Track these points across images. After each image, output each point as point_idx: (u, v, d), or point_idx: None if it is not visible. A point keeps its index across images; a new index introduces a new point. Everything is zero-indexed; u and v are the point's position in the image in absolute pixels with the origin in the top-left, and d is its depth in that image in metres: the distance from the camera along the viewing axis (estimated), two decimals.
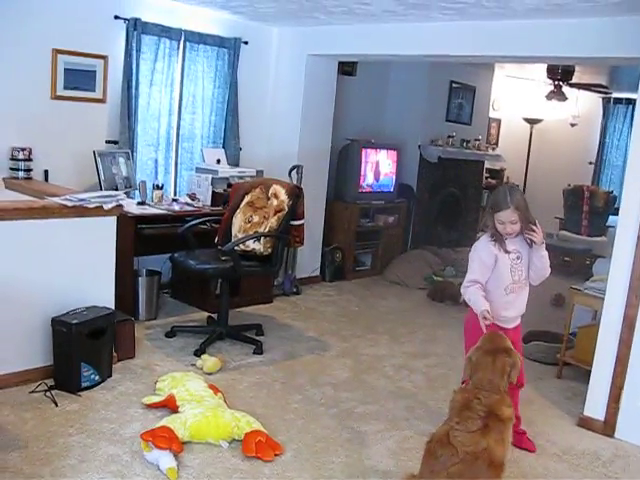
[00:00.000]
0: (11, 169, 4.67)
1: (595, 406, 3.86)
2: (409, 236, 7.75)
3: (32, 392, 3.63)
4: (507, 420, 2.63)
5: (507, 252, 3.27)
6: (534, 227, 3.23)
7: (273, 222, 4.56)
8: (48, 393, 3.63)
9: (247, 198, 4.84)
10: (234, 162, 5.92)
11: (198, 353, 4.36)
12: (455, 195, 8.22)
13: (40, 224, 3.68)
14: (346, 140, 6.87)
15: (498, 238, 3.26)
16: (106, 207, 3.84)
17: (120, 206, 3.96)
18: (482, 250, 3.30)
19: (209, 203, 5.38)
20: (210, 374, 4.10)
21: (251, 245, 4.60)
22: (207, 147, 5.79)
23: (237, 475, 3.04)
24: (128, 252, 4.71)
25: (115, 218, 4.01)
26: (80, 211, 3.80)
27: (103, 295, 3.99)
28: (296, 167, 5.83)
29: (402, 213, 7.42)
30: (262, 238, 4.55)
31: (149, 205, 5.06)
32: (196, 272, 4.55)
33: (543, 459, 3.47)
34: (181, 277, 5.46)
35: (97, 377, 3.82)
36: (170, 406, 3.51)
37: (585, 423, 3.90)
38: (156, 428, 3.16)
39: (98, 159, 4.90)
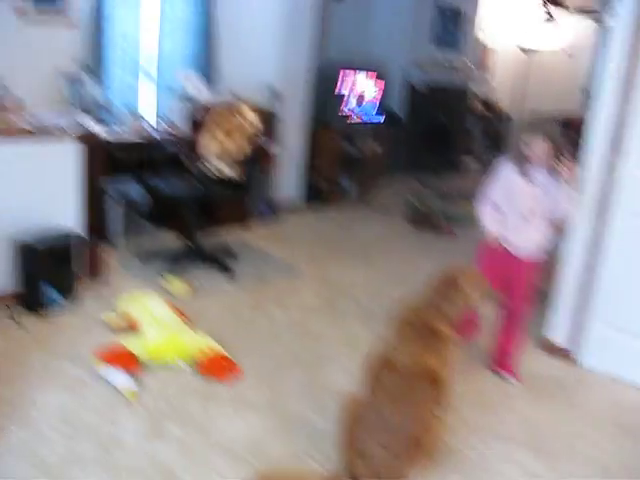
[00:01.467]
0: None
1: (559, 331, 3.90)
2: (394, 163, 7.67)
3: (10, 311, 3.66)
4: (446, 339, 2.62)
5: (529, 180, 3.25)
6: (566, 162, 3.19)
7: (243, 145, 4.50)
8: (12, 314, 3.65)
9: (219, 122, 4.75)
10: (212, 86, 5.79)
11: (167, 277, 4.37)
12: (443, 123, 8.09)
13: None
14: (328, 64, 6.70)
15: (523, 163, 3.25)
16: (66, 129, 3.77)
17: (84, 129, 3.89)
18: (504, 170, 3.34)
19: (186, 128, 5.30)
20: (178, 298, 4.12)
21: (223, 169, 4.55)
22: (184, 71, 5.65)
23: (195, 395, 3.09)
24: (100, 177, 4.66)
25: (79, 141, 3.94)
26: (41, 133, 3.73)
27: (68, 218, 3.98)
28: (274, 91, 5.71)
29: (387, 140, 7.32)
30: (233, 162, 4.49)
31: (124, 131, 4.97)
32: (166, 197, 4.52)
33: (503, 385, 3.51)
34: (159, 203, 5.42)
35: (61, 298, 3.83)
36: (131, 327, 3.54)
37: (549, 348, 3.94)
38: (113, 347, 3.20)
39: (68, 84, 4.80)
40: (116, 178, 4.96)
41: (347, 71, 6.71)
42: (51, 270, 3.75)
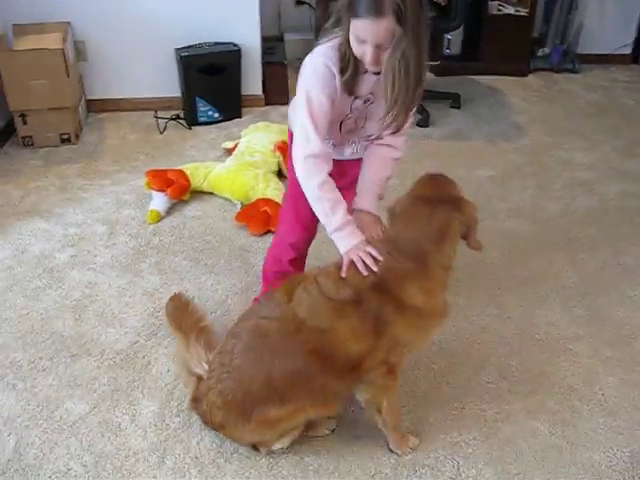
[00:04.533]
0: None
1: None
2: None
3: (155, 117, 3.79)
4: (411, 308, 1.63)
5: (355, 96, 1.76)
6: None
7: None
8: (160, 120, 3.74)
9: None
10: None
11: None
12: None
13: None
14: None
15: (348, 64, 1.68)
16: None
17: None
18: (318, 81, 1.69)
19: None
20: None
21: None
22: None
23: (206, 239, 2.79)
24: None
25: None
26: None
27: (243, 34, 3.77)
28: None
29: None
30: None
31: None
32: None
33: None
34: None
35: (217, 115, 3.78)
36: (230, 153, 3.32)
37: None
38: (169, 169, 3.05)
39: None
40: None
41: None
42: (203, 83, 3.68)
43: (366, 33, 1.56)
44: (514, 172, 3.38)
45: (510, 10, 4.43)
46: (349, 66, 1.66)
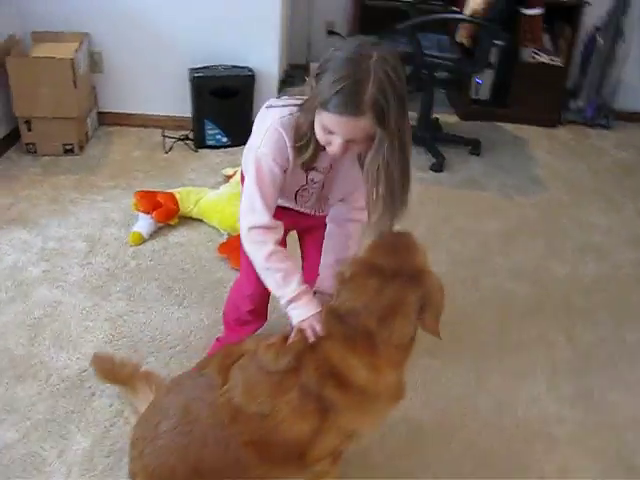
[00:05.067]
0: None
1: None
2: None
3: (163, 136, 3.71)
4: (353, 386, 1.44)
5: (311, 169, 1.64)
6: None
7: (478, 3, 3.37)
8: (167, 140, 3.66)
9: None
10: None
11: None
12: None
13: None
14: None
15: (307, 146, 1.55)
16: None
17: None
18: (270, 149, 1.55)
19: None
20: None
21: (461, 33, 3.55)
22: None
23: (184, 268, 2.67)
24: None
25: None
26: None
27: (260, 58, 3.68)
28: None
29: None
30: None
31: None
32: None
33: None
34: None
35: (225, 139, 3.68)
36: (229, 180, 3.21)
37: None
38: (160, 192, 2.95)
39: None
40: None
41: None
42: (213, 106, 3.59)
43: (337, 128, 1.43)
44: (524, 229, 3.19)
45: (544, 59, 4.26)
46: (308, 148, 1.52)
